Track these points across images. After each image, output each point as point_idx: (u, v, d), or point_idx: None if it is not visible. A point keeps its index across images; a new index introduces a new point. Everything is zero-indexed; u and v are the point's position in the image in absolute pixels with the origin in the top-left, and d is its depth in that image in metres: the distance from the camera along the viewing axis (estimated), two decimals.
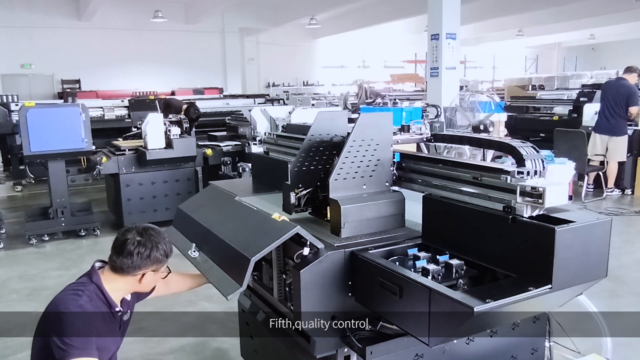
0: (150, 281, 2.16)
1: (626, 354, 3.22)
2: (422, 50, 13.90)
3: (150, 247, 2.09)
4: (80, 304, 1.98)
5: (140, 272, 2.10)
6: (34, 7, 14.00)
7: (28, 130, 5.49)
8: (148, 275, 2.12)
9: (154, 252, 2.09)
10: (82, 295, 2.02)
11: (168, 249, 2.16)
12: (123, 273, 2.10)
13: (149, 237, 2.10)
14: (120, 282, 2.11)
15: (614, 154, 7.42)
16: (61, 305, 1.99)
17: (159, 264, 2.14)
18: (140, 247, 2.08)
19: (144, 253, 2.08)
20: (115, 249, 2.09)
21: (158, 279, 2.20)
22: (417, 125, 2.68)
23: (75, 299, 2.00)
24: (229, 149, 6.76)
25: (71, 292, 2.04)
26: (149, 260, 2.10)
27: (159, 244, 2.12)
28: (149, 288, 2.23)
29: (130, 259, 2.07)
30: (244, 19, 16.47)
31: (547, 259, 1.59)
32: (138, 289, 2.19)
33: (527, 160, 1.81)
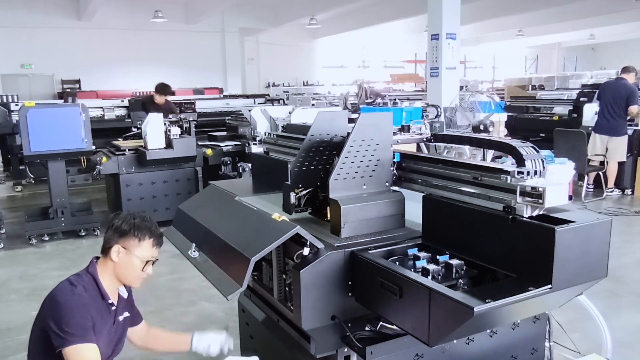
0: (124, 262, 2.11)
1: (626, 354, 3.22)
2: (422, 50, 13.91)
3: (124, 221, 2.12)
4: (77, 292, 2.01)
5: (111, 244, 2.11)
6: (34, 7, 14.00)
7: (28, 130, 5.49)
8: (120, 253, 2.10)
9: (125, 225, 2.11)
10: (77, 285, 2.05)
11: (143, 230, 2.12)
12: (104, 252, 2.14)
13: (132, 216, 2.14)
14: (106, 268, 2.13)
15: (613, 154, 7.42)
16: (58, 294, 2.03)
17: (129, 239, 2.10)
18: (119, 221, 2.13)
19: (116, 225, 2.12)
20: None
21: (134, 266, 2.12)
22: (417, 125, 2.68)
23: (71, 288, 2.03)
24: (229, 149, 6.76)
25: (67, 282, 2.07)
26: (118, 232, 2.10)
27: (134, 219, 2.13)
28: (126, 274, 2.15)
29: (108, 232, 2.13)
30: (244, 19, 16.46)
31: (547, 259, 1.59)
32: (118, 273, 2.14)
33: (527, 160, 1.81)
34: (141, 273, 2.16)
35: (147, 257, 2.14)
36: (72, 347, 1.91)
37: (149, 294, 4.31)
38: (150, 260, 2.16)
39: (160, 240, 2.20)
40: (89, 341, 1.94)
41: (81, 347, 1.92)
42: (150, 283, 4.65)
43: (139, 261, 2.13)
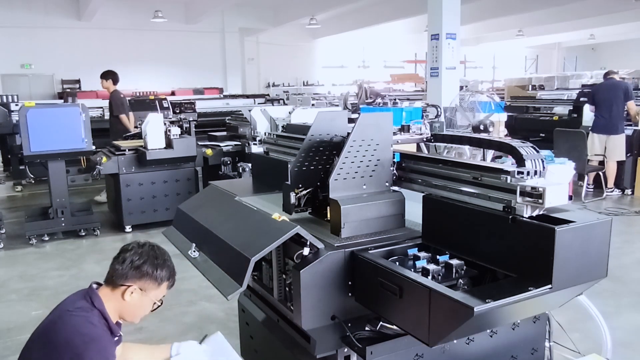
0: (136, 303, 1.96)
1: (626, 354, 3.22)
2: (422, 50, 13.90)
3: (145, 259, 1.96)
4: (101, 336, 1.84)
5: (127, 282, 1.94)
6: (34, 7, 14.00)
7: (28, 130, 5.49)
8: (134, 293, 1.94)
9: (146, 265, 1.95)
10: (96, 325, 1.87)
11: (164, 271, 1.99)
12: (112, 284, 1.96)
13: (151, 249, 1.99)
14: (111, 302, 1.96)
15: (612, 153, 7.43)
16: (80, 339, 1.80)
17: (148, 281, 1.96)
18: (135, 255, 1.96)
19: (135, 262, 1.95)
20: (115, 257, 2.00)
21: (145, 307, 2.00)
22: (417, 125, 2.68)
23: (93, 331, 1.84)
24: (229, 149, 6.76)
25: (82, 323, 1.85)
26: (138, 272, 1.95)
27: (156, 259, 1.98)
28: (133, 312, 2.01)
29: (122, 265, 1.95)
30: (244, 19, 16.46)
31: (547, 259, 1.59)
32: (123, 311, 1.99)
33: (527, 160, 1.81)
34: (145, 313, 2.05)
35: (159, 298, 2.05)
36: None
37: None
38: (160, 304, 2.07)
39: (174, 279, 2.08)
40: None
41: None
42: None
43: (150, 302, 2.02)
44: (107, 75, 7.43)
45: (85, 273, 4.96)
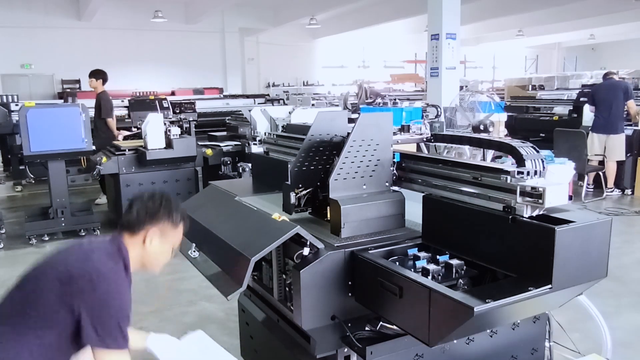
0: (157, 249, 1.94)
1: (626, 354, 3.22)
2: (422, 50, 13.90)
3: (159, 203, 1.94)
4: (122, 286, 1.80)
5: (144, 228, 1.91)
6: (34, 7, 13.99)
7: (28, 130, 5.49)
8: (154, 237, 1.92)
9: (162, 209, 1.93)
10: (118, 271, 1.83)
11: (179, 213, 1.97)
12: (130, 231, 1.93)
13: (160, 196, 1.98)
14: (133, 251, 1.93)
15: (612, 153, 7.43)
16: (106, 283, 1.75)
17: (166, 224, 1.94)
18: (148, 201, 1.94)
19: (150, 206, 1.93)
20: (127, 207, 1.98)
21: (165, 253, 1.98)
22: (417, 125, 2.68)
23: (116, 279, 1.80)
24: (229, 149, 6.76)
25: (107, 260, 1.83)
26: (156, 216, 1.92)
27: (169, 202, 1.97)
28: (156, 259, 1.98)
29: (136, 213, 1.92)
30: (244, 19, 16.46)
31: (547, 259, 1.59)
32: (145, 259, 1.96)
33: (527, 160, 1.81)
34: (167, 259, 2.02)
35: (178, 243, 2.02)
36: (109, 351, 1.73)
37: (149, 294, 4.31)
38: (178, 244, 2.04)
39: (187, 222, 2.06)
40: (125, 348, 1.77)
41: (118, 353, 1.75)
42: (150, 283, 4.67)
43: (170, 247, 1.99)
44: (97, 75, 7.22)
45: None
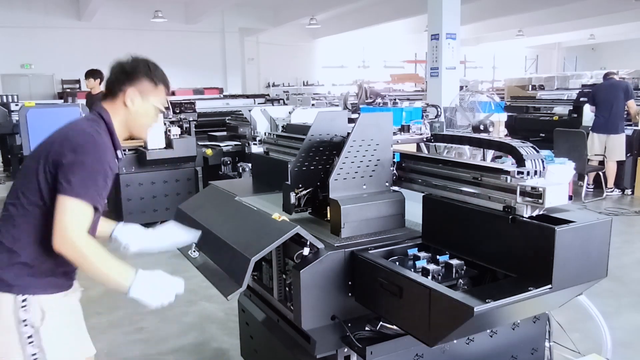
0: (139, 109, 1.90)
1: (626, 354, 3.23)
2: (422, 50, 13.90)
3: (136, 63, 1.90)
4: (99, 143, 1.76)
5: (123, 89, 1.87)
6: (34, 7, 14.01)
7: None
8: (135, 97, 1.87)
9: (139, 67, 1.89)
10: (100, 129, 1.80)
11: (158, 72, 1.94)
12: (110, 94, 1.90)
13: (137, 57, 1.93)
14: (115, 116, 1.89)
15: (612, 153, 7.43)
16: (77, 136, 1.75)
17: (145, 83, 1.90)
18: (125, 62, 1.90)
19: (126, 66, 1.89)
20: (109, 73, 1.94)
21: (149, 114, 1.94)
22: (417, 125, 2.68)
23: (95, 131, 1.77)
24: (229, 149, 6.76)
25: (85, 126, 1.80)
26: (133, 75, 1.88)
27: (147, 61, 1.92)
28: (139, 121, 1.93)
29: (114, 74, 1.89)
30: (244, 19, 16.47)
31: (547, 259, 1.59)
32: (129, 122, 1.91)
33: (527, 160, 1.81)
34: (153, 122, 1.98)
35: (161, 105, 1.97)
36: (74, 200, 1.67)
37: None
38: (163, 110, 1.99)
39: (169, 86, 2.02)
40: (97, 202, 1.72)
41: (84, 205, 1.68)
42: None
43: (153, 109, 1.95)
44: (95, 74, 7.06)
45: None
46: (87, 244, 1.69)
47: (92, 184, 1.70)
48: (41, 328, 1.75)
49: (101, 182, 1.73)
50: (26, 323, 1.73)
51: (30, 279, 1.75)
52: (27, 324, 1.73)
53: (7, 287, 1.72)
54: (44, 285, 1.78)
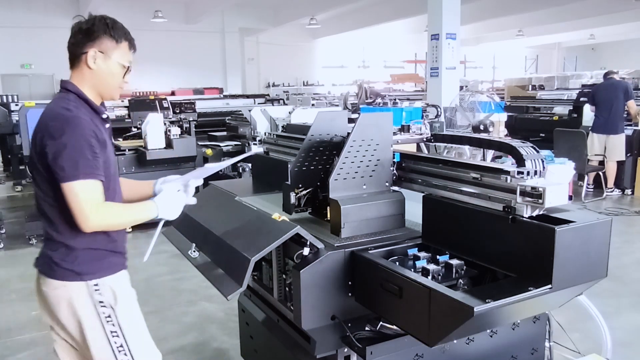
0: (103, 69, 1.86)
1: (626, 354, 3.23)
2: (422, 50, 13.91)
3: (92, 22, 1.86)
4: (74, 114, 1.76)
5: (84, 50, 1.83)
6: (34, 7, 14.01)
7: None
8: (97, 58, 1.84)
9: (95, 26, 1.85)
10: (69, 106, 1.79)
11: (117, 29, 1.89)
12: (74, 59, 1.87)
13: (95, 16, 1.89)
14: (83, 81, 1.87)
15: (612, 153, 7.43)
16: (50, 121, 1.75)
17: (104, 41, 1.85)
18: (82, 23, 1.87)
19: (84, 27, 1.85)
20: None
21: (114, 72, 1.89)
22: (417, 125, 2.68)
23: (65, 110, 1.76)
24: (229, 149, 6.77)
25: (55, 107, 1.80)
26: (90, 35, 1.84)
27: (104, 19, 1.88)
28: (105, 81, 1.89)
29: (73, 37, 1.86)
30: (244, 19, 16.47)
31: (547, 259, 1.59)
32: (96, 84, 1.88)
33: (527, 160, 1.81)
34: (121, 81, 1.93)
35: (126, 62, 1.92)
36: (73, 183, 1.70)
37: (149, 294, 4.32)
38: (129, 67, 1.94)
39: (134, 42, 1.97)
40: (96, 176, 1.74)
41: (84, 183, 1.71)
42: (150, 283, 4.67)
43: (119, 67, 1.90)
44: None
45: None
46: (106, 213, 1.77)
47: (82, 161, 1.72)
48: (116, 307, 1.87)
49: (90, 155, 1.74)
50: (103, 304, 1.85)
51: (93, 263, 1.85)
52: (104, 305, 1.85)
53: (77, 276, 1.82)
54: (107, 267, 1.89)
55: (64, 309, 1.84)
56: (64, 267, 1.82)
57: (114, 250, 1.92)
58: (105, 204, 1.78)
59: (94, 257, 1.85)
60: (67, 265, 1.82)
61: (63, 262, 1.82)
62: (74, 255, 1.83)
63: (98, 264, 1.87)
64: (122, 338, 1.88)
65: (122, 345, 1.88)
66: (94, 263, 1.86)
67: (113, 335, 1.86)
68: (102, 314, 1.85)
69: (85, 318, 1.83)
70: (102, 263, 1.87)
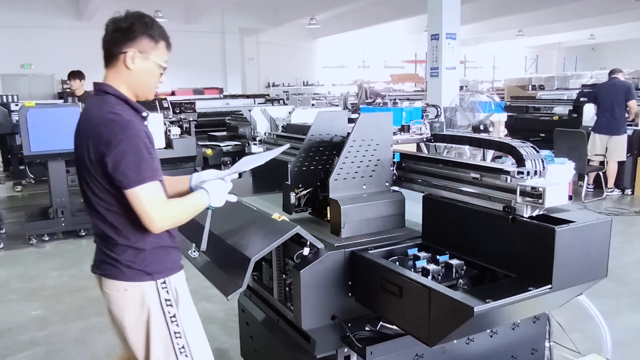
0: (142, 68, 1.83)
1: (626, 354, 3.22)
2: (422, 50, 13.91)
3: (132, 20, 1.81)
4: (125, 118, 1.72)
5: (122, 50, 1.80)
6: (34, 7, 14.00)
7: (28, 130, 5.49)
8: (136, 57, 1.80)
9: (135, 25, 1.80)
10: (115, 110, 1.74)
11: (156, 28, 1.85)
12: (111, 58, 1.83)
13: (133, 14, 1.84)
14: (119, 81, 1.83)
15: (613, 153, 7.43)
16: (101, 128, 1.71)
17: (144, 41, 1.82)
18: (120, 21, 1.82)
19: (122, 25, 1.81)
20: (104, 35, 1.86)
21: (152, 72, 1.87)
22: (417, 125, 2.68)
23: (113, 114, 1.72)
24: (229, 149, 6.77)
25: (101, 112, 1.75)
26: (130, 34, 1.80)
27: (143, 18, 1.83)
28: (143, 81, 1.87)
29: (109, 34, 1.82)
30: (244, 19, 16.46)
31: (547, 259, 1.59)
32: (133, 84, 1.85)
33: (527, 160, 1.81)
34: (157, 81, 1.92)
35: (163, 62, 1.89)
36: (138, 189, 1.70)
37: None
38: (166, 67, 1.92)
39: (170, 41, 1.93)
40: (158, 177, 1.76)
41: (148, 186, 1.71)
42: None
43: (156, 67, 1.88)
44: (78, 75, 7.11)
45: (85, 273, 4.95)
46: (171, 211, 1.79)
47: (143, 164, 1.71)
48: (179, 306, 1.88)
49: (147, 156, 1.73)
50: (169, 302, 1.86)
51: (161, 262, 1.87)
52: (170, 304, 1.86)
53: (148, 275, 1.84)
54: (171, 265, 1.91)
55: (133, 309, 1.84)
56: (134, 268, 1.82)
57: (174, 245, 1.93)
58: (168, 203, 1.79)
59: (161, 256, 1.87)
60: (138, 266, 1.83)
61: (133, 263, 1.82)
62: (142, 256, 1.83)
63: (165, 263, 1.88)
64: (185, 339, 1.88)
65: (184, 346, 1.88)
66: (162, 261, 1.87)
67: (176, 336, 1.87)
68: (168, 313, 1.85)
69: (153, 317, 1.84)
70: (167, 261, 1.89)
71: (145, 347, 1.87)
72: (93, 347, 3.54)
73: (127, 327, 1.88)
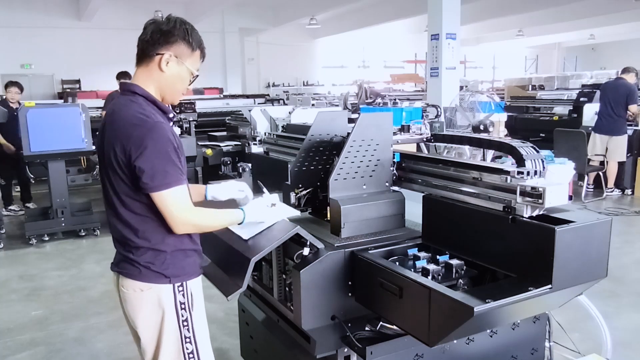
0: (174, 73, 1.83)
1: (626, 354, 3.22)
2: (422, 50, 13.91)
3: (173, 24, 1.83)
4: (154, 120, 1.72)
5: (160, 50, 1.80)
6: (34, 7, 13.99)
7: (28, 130, 5.49)
8: (170, 61, 1.80)
9: (176, 30, 1.81)
10: (145, 111, 1.74)
11: (195, 36, 1.86)
12: (145, 57, 1.82)
13: (175, 18, 1.86)
14: (147, 79, 1.83)
15: (613, 154, 7.42)
16: (130, 129, 1.70)
17: (181, 46, 1.82)
18: (161, 24, 1.83)
19: (164, 28, 1.81)
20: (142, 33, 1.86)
21: (183, 78, 1.87)
22: (417, 125, 2.68)
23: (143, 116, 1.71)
24: (229, 149, 6.76)
25: (131, 111, 1.74)
26: (170, 36, 1.80)
27: (185, 24, 1.85)
28: (173, 85, 1.86)
29: (150, 34, 1.81)
30: (244, 19, 16.45)
31: (547, 259, 1.59)
32: (162, 87, 1.85)
33: (527, 160, 1.81)
34: (185, 88, 1.91)
35: (195, 70, 1.89)
36: (166, 192, 1.70)
37: None
38: (197, 76, 1.92)
39: (205, 52, 1.94)
40: (184, 181, 1.76)
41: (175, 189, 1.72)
42: None
43: (188, 74, 1.87)
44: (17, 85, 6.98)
45: (85, 273, 4.95)
46: (196, 217, 1.79)
47: (170, 167, 1.71)
48: (193, 312, 1.88)
49: (175, 158, 1.74)
50: (184, 306, 1.86)
51: (180, 265, 1.86)
52: (184, 308, 1.86)
53: (166, 278, 1.83)
54: (191, 270, 1.89)
55: (147, 309, 1.84)
56: (153, 270, 1.82)
57: (195, 249, 1.92)
58: (195, 209, 1.79)
59: (180, 259, 1.86)
60: (157, 268, 1.82)
61: (152, 265, 1.82)
62: (162, 258, 1.82)
63: (184, 266, 1.87)
64: (194, 345, 1.88)
65: (192, 352, 1.88)
66: (181, 265, 1.86)
67: (186, 340, 1.87)
68: (181, 317, 1.85)
69: (166, 320, 1.84)
70: (186, 264, 1.87)
71: (155, 348, 1.87)
72: (93, 347, 3.54)
73: (139, 326, 1.88)
